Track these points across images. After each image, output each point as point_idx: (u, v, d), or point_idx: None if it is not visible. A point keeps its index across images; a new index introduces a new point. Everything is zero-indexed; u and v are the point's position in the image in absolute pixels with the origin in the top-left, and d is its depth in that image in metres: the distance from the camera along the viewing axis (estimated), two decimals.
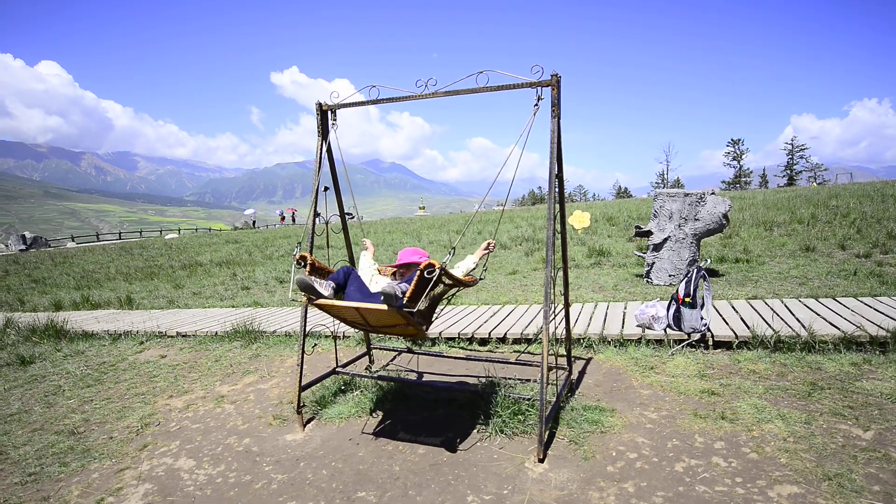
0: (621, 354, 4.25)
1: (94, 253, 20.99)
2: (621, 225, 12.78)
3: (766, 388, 3.40)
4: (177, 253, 18.35)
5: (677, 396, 3.43)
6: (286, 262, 13.38)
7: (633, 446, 2.88)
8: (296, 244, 3.68)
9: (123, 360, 5.63)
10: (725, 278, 6.65)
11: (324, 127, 3.63)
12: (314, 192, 3.60)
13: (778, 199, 14.07)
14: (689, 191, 6.78)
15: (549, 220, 2.91)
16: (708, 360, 3.97)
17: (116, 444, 3.56)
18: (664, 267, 6.73)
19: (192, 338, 6.20)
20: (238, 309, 7.87)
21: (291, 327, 5.95)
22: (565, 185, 3.42)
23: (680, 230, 6.67)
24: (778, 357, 3.85)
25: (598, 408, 3.34)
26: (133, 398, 4.45)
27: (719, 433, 2.92)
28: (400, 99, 3.37)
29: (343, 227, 4.02)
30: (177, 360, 5.44)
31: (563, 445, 2.95)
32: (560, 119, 2.99)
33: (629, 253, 9.12)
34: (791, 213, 11.17)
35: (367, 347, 4.51)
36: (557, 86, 2.92)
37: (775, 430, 2.88)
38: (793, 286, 5.87)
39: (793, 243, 8.42)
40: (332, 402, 3.82)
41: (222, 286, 10.77)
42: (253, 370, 4.87)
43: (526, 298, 6.53)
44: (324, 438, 3.35)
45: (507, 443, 3.04)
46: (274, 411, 3.88)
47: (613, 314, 5.17)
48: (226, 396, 4.29)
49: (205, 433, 3.64)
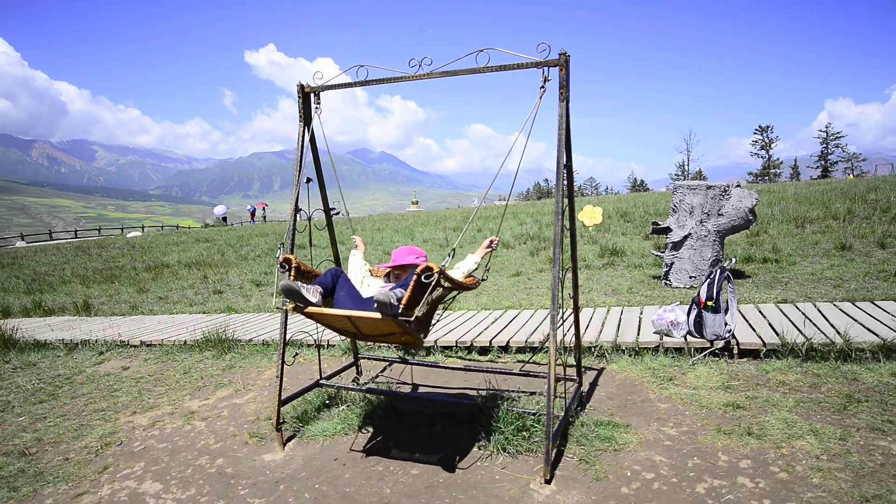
0: (637, 364, 4.28)
1: (47, 253, 20.88)
2: (637, 221, 12.83)
3: (796, 400, 3.43)
4: (140, 253, 18.28)
5: (699, 410, 3.45)
6: (263, 263, 13.36)
7: (649, 465, 2.90)
8: (278, 245, 3.69)
9: (80, 373, 5.61)
10: (752, 280, 6.69)
11: (306, 111, 3.63)
12: (295, 184, 3.60)
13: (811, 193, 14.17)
14: (713, 183, 6.82)
15: (557, 216, 2.92)
16: (733, 371, 3.99)
17: (73, 467, 3.55)
18: (684, 267, 6.77)
19: (158, 347, 6.18)
20: (209, 315, 7.85)
21: (269, 335, 5.95)
22: (575, 176, 3.44)
23: (702, 227, 6.70)
24: (810, 367, 3.88)
25: (611, 423, 3.36)
26: (92, 415, 4.43)
27: (745, 450, 2.94)
28: (391, 80, 3.38)
29: (328, 223, 4.03)
30: (141, 373, 5.43)
31: (572, 465, 2.96)
32: (569, 103, 3.00)
33: (645, 252, 9.16)
34: (825, 208, 11.24)
35: (355, 357, 4.51)
36: (566, 66, 2.94)
37: (807, 448, 2.90)
38: (827, 288, 5.91)
39: (827, 241, 8.48)
40: (316, 417, 3.82)
41: (192, 290, 10.74)
42: (226, 383, 4.87)
43: (531, 303, 6.55)
44: (306, 458, 3.35)
45: (511, 462, 3.05)
46: (250, 428, 3.87)
47: (628, 320, 5.20)
48: (196, 412, 4.29)
49: (173, 453, 3.63)
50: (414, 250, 3.43)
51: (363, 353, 4.84)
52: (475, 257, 3.35)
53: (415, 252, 3.41)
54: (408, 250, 3.44)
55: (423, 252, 3.44)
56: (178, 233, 27.94)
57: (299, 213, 3.74)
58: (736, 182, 7.08)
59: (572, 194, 3.39)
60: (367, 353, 4.95)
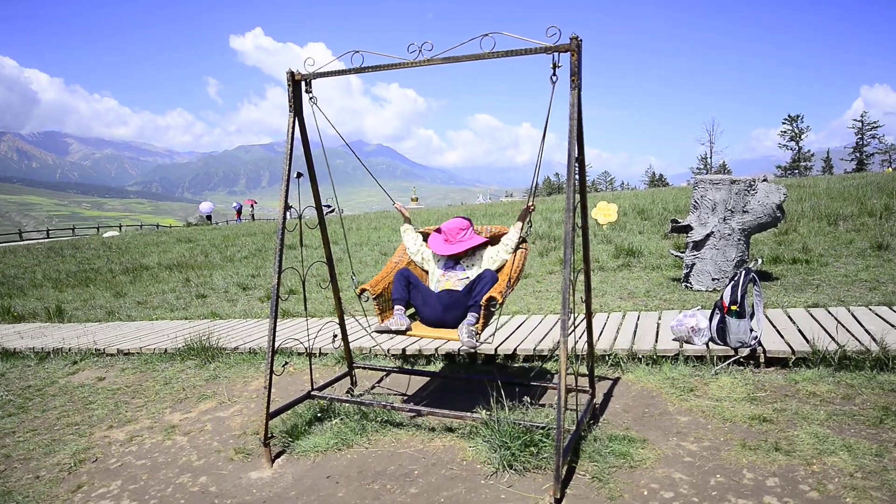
0: (655, 374, 4.28)
1: (17, 254, 20.96)
2: (655, 219, 12.83)
3: (828, 413, 3.43)
4: (118, 254, 18.33)
5: (722, 424, 3.45)
6: (250, 265, 13.40)
7: (668, 484, 2.89)
8: (350, 275, 4.30)
9: (53, 384, 5.63)
10: (780, 282, 6.68)
11: (296, 100, 3.64)
12: (285, 180, 3.61)
13: (844, 188, 14.14)
14: (737, 177, 6.81)
15: (568, 213, 2.93)
16: (759, 381, 3.99)
17: (44, 485, 3.56)
18: (706, 269, 6.76)
19: (137, 356, 6.20)
20: (192, 321, 7.87)
21: (257, 343, 5.96)
22: (588, 171, 3.46)
23: (725, 225, 6.70)
24: (843, 376, 3.87)
25: (626, 437, 3.36)
26: (64, 429, 4.45)
27: (773, 468, 2.94)
28: (388, 67, 3.38)
29: (320, 221, 4.03)
30: (118, 384, 5.45)
31: (584, 483, 2.96)
32: (581, 91, 3.00)
33: (664, 252, 9.16)
34: (860, 204, 11.22)
35: (349, 366, 4.52)
36: (578, 51, 2.94)
37: (840, 464, 2.90)
38: (862, 291, 5.90)
39: (862, 240, 8.47)
40: (307, 432, 3.83)
41: (173, 294, 10.76)
42: (210, 395, 4.88)
43: (540, 307, 6.55)
44: (296, 476, 3.36)
45: (518, 480, 3.05)
46: (236, 444, 3.88)
47: (645, 326, 5.20)
48: (177, 426, 4.30)
49: (152, 471, 3.64)
50: (461, 225, 3.97)
51: (359, 362, 4.85)
52: (515, 231, 3.81)
53: (462, 227, 3.97)
54: (456, 227, 3.97)
55: (468, 223, 4.01)
56: (158, 232, 28.02)
57: (289, 211, 3.75)
58: (763, 176, 7.07)
59: (585, 190, 3.39)
60: (363, 363, 4.95)
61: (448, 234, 4.00)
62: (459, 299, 3.67)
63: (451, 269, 3.96)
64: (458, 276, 3.89)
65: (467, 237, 3.97)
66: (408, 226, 4.26)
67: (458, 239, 3.96)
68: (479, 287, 3.57)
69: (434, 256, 4.11)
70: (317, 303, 8.15)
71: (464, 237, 3.96)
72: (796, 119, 62.14)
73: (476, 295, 3.55)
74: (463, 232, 3.97)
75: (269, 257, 14.47)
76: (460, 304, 3.64)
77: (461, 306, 3.63)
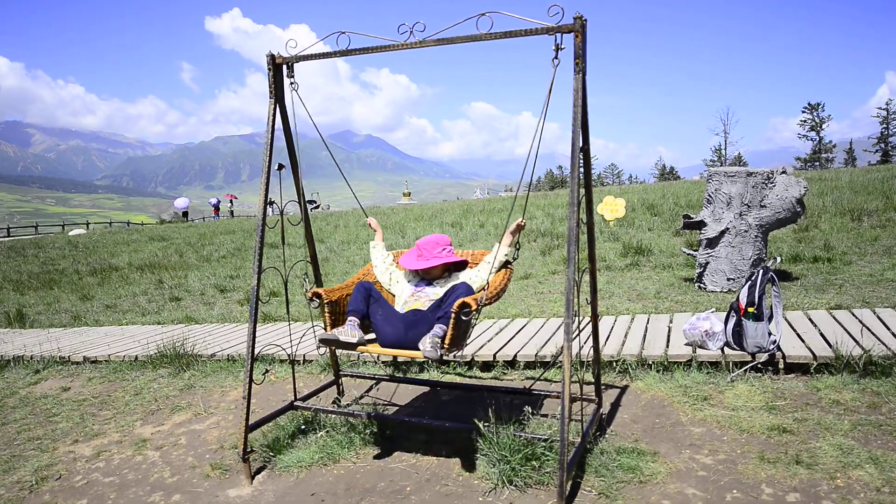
0: (666, 381, 4.28)
1: None
2: (666, 214, 12.85)
3: (853, 423, 3.43)
4: (85, 254, 18.24)
5: (738, 435, 3.45)
6: (228, 266, 13.36)
7: (681, 500, 2.89)
8: (303, 275, 4.01)
9: (13, 395, 5.60)
10: (801, 282, 6.70)
11: (277, 86, 3.62)
12: (265, 172, 3.59)
13: (869, 181, 14.20)
14: (754, 169, 6.82)
15: (572, 209, 2.92)
16: (778, 388, 4.00)
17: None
18: (721, 268, 6.78)
19: (105, 364, 6.17)
20: (165, 326, 7.84)
21: (235, 349, 5.94)
22: (593, 163, 3.44)
23: (741, 220, 6.71)
24: (869, 384, 3.88)
25: (635, 450, 3.36)
26: (25, 444, 4.42)
27: (793, 482, 2.94)
28: (377, 49, 3.37)
29: (304, 218, 4.01)
30: (84, 394, 5.42)
31: (590, 499, 2.96)
32: (585, 75, 3.00)
33: (676, 250, 9.18)
34: (886, 199, 11.28)
35: (336, 375, 4.50)
36: (582, 31, 2.93)
37: (866, 478, 2.90)
38: (888, 292, 5.92)
39: (888, 237, 8.50)
40: (290, 445, 3.81)
41: (145, 297, 10.72)
42: (185, 406, 4.86)
43: (542, 310, 6.55)
44: (278, 494, 3.34)
45: (518, 496, 3.04)
46: (212, 459, 3.87)
47: (655, 329, 5.20)
48: (149, 440, 4.28)
49: (121, 489, 3.62)
50: (439, 241, 3.81)
51: (346, 370, 4.83)
52: (503, 248, 3.62)
53: (440, 243, 3.80)
54: (433, 242, 3.80)
55: (447, 240, 3.84)
56: (128, 230, 27.91)
57: (271, 207, 3.73)
58: (781, 168, 7.10)
59: (590, 183, 3.38)
60: (351, 370, 4.94)
61: (423, 249, 3.79)
62: (426, 316, 3.42)
63: (422, 290, 3.73)
64: (428, 297, 3.62)
65: (444, 254, 3.77)
66: (378, 242, 4.12)
67: (434, 254, 3.75)
68: (451, 299, 3.31)
69: (405, 275, 3.93)
70: (300, 305, 8.10)
71: (440, 253, 3.76)
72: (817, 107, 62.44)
73: (447, 306, 3.29)
74: (441, 248, 3.78)
75: (248, 257, 14.43)
76: (427, 320, 3.37)
77: (427, 323, 3.35)
